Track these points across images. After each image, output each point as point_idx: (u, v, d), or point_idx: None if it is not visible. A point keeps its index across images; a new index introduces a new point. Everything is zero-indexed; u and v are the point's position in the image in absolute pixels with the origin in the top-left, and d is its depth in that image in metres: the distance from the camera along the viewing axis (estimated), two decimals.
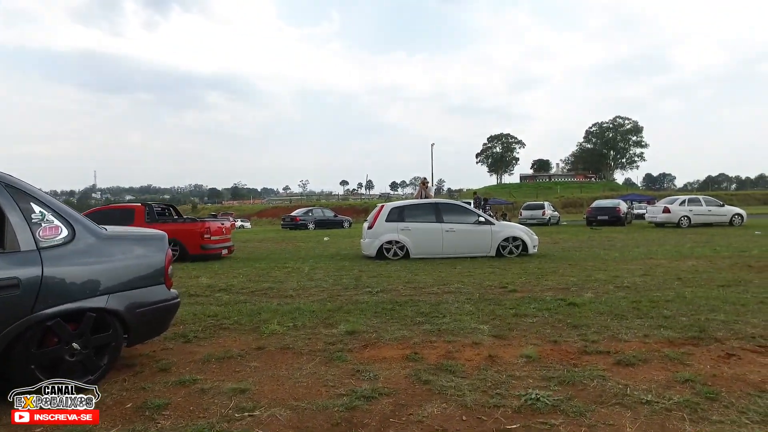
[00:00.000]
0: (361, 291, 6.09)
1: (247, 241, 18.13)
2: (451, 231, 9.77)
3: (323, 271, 8.24)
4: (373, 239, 9.91)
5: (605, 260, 8.93)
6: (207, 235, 10.29)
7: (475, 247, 9.86)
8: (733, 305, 4.69)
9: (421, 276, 7.24)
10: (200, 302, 5.63)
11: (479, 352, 3.46)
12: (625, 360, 3.15)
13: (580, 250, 11.03)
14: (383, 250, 9.81)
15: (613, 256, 9.54)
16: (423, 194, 11.35)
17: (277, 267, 8.94)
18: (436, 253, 9.80)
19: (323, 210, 30.10)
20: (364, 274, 7.67)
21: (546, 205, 24.68)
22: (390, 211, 10.02)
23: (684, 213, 18.89)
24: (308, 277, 7.41)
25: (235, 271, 8.46)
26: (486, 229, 9.85)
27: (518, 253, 9.87)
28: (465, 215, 10.10)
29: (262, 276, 7.73)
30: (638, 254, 9.80)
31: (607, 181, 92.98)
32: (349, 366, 3.24)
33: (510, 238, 9.88)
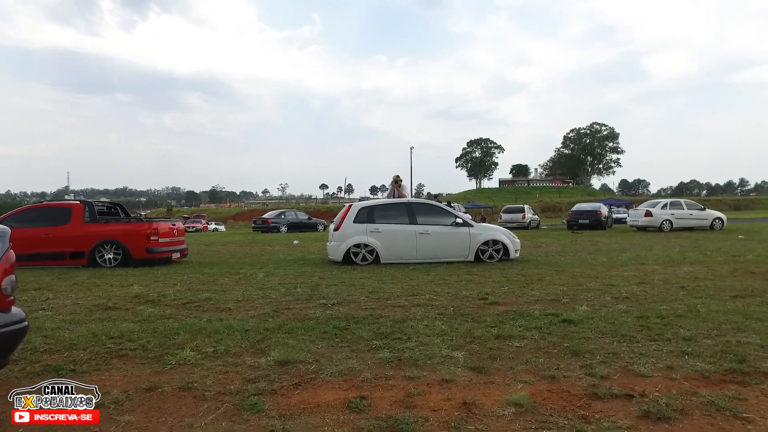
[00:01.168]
0: (314, 303, 5.09)
1: (211, 244, 16.89)
2: (425, 233, 8.84)
3: (279, 278, 7.20)
4: (340, 242, 8.91)
5: (594, 266, 8.13)
6: (154, 237, 9.12)
7: (452, 251, 8.95)
8: (762, 322, 3.86)
9: (389, 285, 6.28)
10: (112, 318, 4.54)
11: (451, 395, 2.51)
12: (655, 410, 2.23)
13: (565, 255, 10.25)
14: (351, 255, 8.82)
15: (601, 261, 8.76)
16: (396, 193, 10.39)
17: (228, 273, 7.85)
18: (409, 258, 8.87)
19: (296, 212, 28.81)
20: (324, 281, 6.67)
21: (526, 209, 24.04)
22: (358, 211, 9.05)
23: (666, 216, 18.44)
24: (259, 286, 6.37)
25: (177, 277, 7.34)
26: (464, 232, 8.96)
27: (499, 258, 9.00)
28: (441, 216, 9.19)
29: (206, 284, 6.65)
30: (627, 259, 9.05)
31: (584, 187, 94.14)
32: (263, 421, 2.25)
33: (490, 241, 9.01)
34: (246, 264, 9.44)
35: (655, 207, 18.88)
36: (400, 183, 10.29)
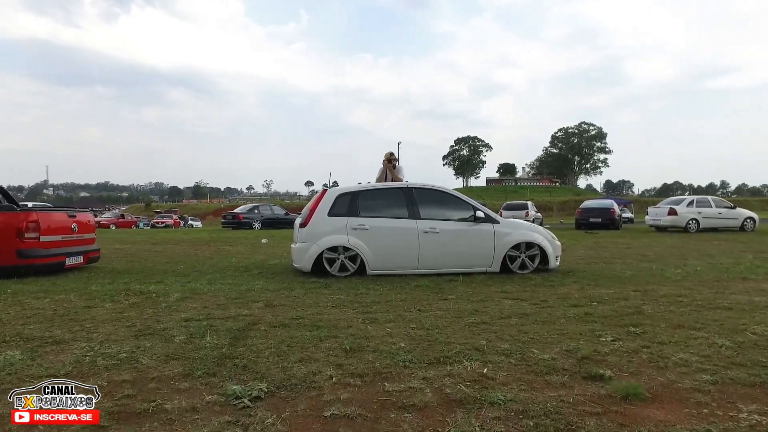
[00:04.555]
0: (213, 397, 2.30)
1: (160, 242, 13.86)
2: (432, 232, 6.12)
3: (201, 302, 4.40)
4: (309, 244, 6.13)
5: (676, 281, 5.53)
6: (32, 235, 6.19)
7: (470, 257, 6.26)
8: None
9: (382, 325, 3.52)
10: None
11: None
12: None
13: (611, 263, 7.65)
14: (324, 262, 6.06)
15: (675, 274, 6.17)
16: (389, 177, 7.68)
17: (127, 293, 4.99)
18: (408, 267, 6.14)
19: (272, 207, 25.66)
20: (269, 315, 3.88)
21: (530, 205, 21.46)
22: (336, 199, 6.26)
23: (692, 216, 16.06)
24: (144, 326, 3.55)
25: (24, 302, 4.46)
26: (486, 231, 6.26)
27: (534, 267, 6.34)
28: (454, 208, 6.47)
29: (53, 320, 3.80)
30: (708, 269, 6.48)
31: (571, 186, 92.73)
32: None
33: (522, 244, 6.33)
34: (176, 273, 6.59)
35: (680, 204, 16.47)
36: (395, 163, 7.49)
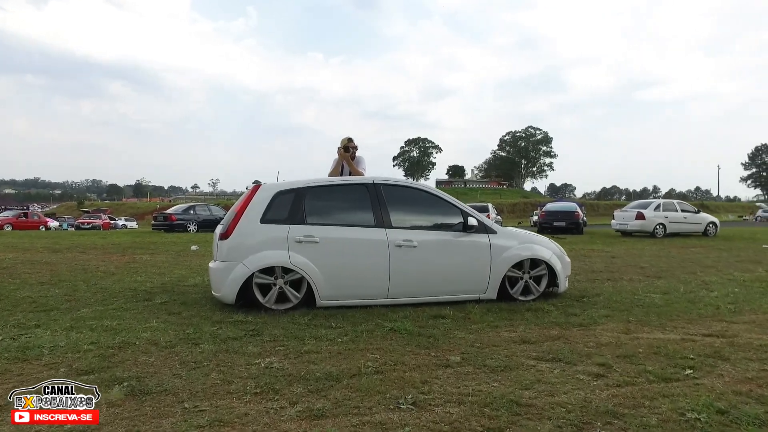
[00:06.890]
0: None
1: (63, 250, 11.15)
2: (407, 246, 4.39)
3: (11, 383, 2.42)
4: (232, 263, 4.22)
5: (733, 312, 4.17)
6: None
7: (458, 281, 4.60)
8: None
9: None
10: None
11: None
12: None
13: (613, 279, 6.28)
14: (254, 290, 4.18)
15: (714, 299, 4.85)
16: (346, 169, 5.88)
17: None
18: (375, 296, 4.38)
19: (210, 207, 23.00)
20: (127, 421, 1.99)
21: (490, 207, 20.32)
22: (273, 199, 4.39)
23: (659, 220, 15.44)
24: None
25: None
26: (481, 244, 4.62)
27: (541, 291, 4.79)
28: (435, 212, 4.79)
29: None
30: (738, 287, 5.22)
31: (518, 189, 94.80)
32: None
33: (525, 262, 4.75)
34: (33, 305, 4.49)
35: (648, 208, 15.81)
36: (354, 153, 5.68)
